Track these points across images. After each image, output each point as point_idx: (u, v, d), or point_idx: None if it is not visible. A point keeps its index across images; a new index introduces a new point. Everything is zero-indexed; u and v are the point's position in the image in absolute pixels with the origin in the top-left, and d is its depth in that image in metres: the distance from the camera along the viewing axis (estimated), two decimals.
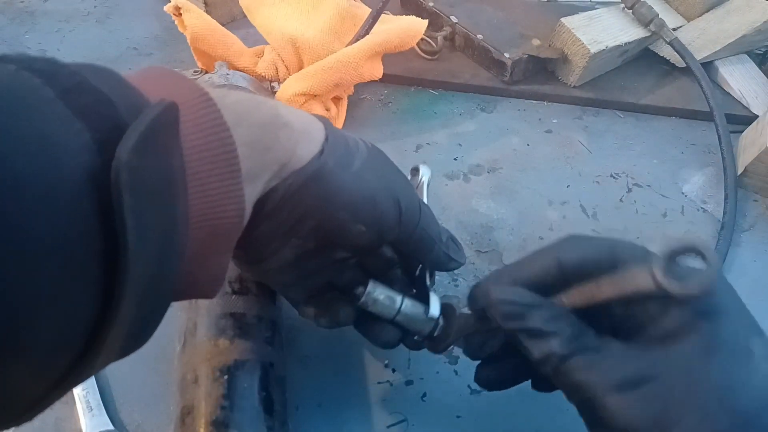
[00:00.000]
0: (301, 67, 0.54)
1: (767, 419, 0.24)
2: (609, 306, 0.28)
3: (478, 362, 0.36)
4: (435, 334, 0.36)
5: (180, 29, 0.54)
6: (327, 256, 0.33)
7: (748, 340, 0.26)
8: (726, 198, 0.53)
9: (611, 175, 0.57)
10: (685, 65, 0.63)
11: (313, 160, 0.29)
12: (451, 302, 0.36)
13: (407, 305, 0.35)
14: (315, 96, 0.54)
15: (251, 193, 0.27)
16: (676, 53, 0.64)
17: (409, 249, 0.35)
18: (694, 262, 0.25)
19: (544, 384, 0.34)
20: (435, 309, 0.35)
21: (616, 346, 0.28)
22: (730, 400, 0.25)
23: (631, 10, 0.63)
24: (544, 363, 0.28)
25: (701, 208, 0.55)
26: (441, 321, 0.36)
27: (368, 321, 0.36)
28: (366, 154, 0.33)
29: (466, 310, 0.35)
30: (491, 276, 0.32)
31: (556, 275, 0.29)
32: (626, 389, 0.26)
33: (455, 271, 0.48)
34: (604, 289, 0.28)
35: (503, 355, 0.34)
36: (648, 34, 0.63)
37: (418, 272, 0.38)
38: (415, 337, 0.37)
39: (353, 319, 0.36)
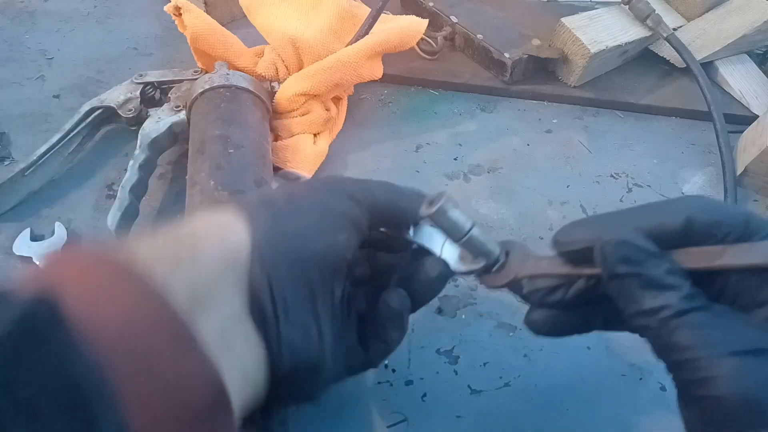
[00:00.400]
0: (301, 67, 0.54)
1: None
2: (726, 275, 0.27)
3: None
4: (495, 268, 0.33)
5: (180, 29, 0.54)
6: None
7: None
8: (725, 196, 0.53)
9: (611, 175, 0.57)
10: (685, 65, 0.63)
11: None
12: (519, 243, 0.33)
13: (476, 229, 0.32)
14: (315, 96, 0.54)
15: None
16: (676, 56, 0.64)
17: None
18: None
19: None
20: (492, 245, 0.32)
21: (734, 313, 0.27)
22: None
23: (627, 6, 0.63)
24: (653, 314, 0.26)
25: None
26: (503, 255, 0.33)
27: (418, 258, 0.34)
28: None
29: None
30: (599, 216, 0.30)
31: (680, 232, 0.27)
32: (745, 355, 0.25)
33: None
34: (729, 257, 0.26)
35: (569, 307, 0.31)
36: (648, 33, 0.63)
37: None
38: (469, 273, 0.33)
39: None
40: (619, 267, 0.27)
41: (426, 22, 0.56)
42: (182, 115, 0.52)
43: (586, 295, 0.30)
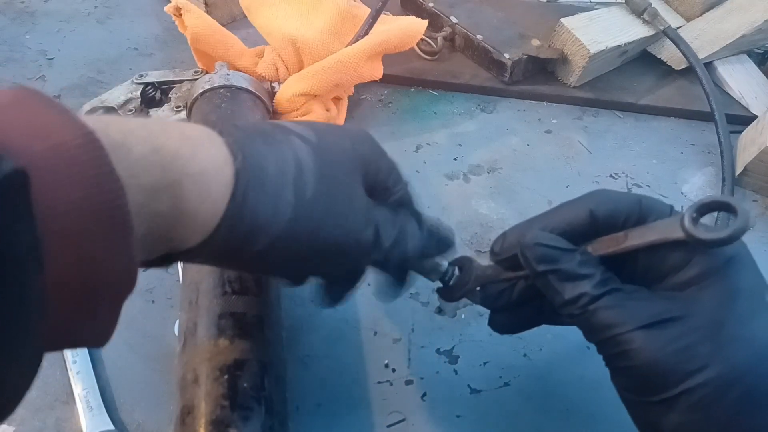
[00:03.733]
0: (301, 68, 0.55)
1: None
2: (633, 255, 0.30)
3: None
4: (450, 283, 0.36)
5: (180, 30, 0.54)
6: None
7: (763, 291, 0.28)
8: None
9: (611, 176, 0.57)
10: (683, 67, 0.64)
11: (222, 221, 0.25)
12: (468, 256, 0.37)
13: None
14: (315, 96, 0.54)
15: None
16: (674, 58, 0.64)
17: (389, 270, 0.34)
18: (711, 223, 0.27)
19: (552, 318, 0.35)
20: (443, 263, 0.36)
21: (641, 290, 0.29)
22: (749, 340, 0.27)
23: (624, 0, 0.63)
24: (573, 303, 0.29)
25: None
26: (456, 270, 0.36)
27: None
28: (312, 169, 0.28)
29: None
30: (520, 224, 0.33)
31: (587, 225, 0.31)
32: (652, 327, 0.27)
33: None
34: (632, 239, 0.29)
35: (518, 305, 0.35)
36: (648, 34, 0.63)
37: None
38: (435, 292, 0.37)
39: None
40: (539, 266, 0.30)
41: (426, 22, 0.56)
42: (183, 115, 0.52)
43: (528, 293, 0.34)
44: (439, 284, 0.37)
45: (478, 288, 0.35)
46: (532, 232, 0.31)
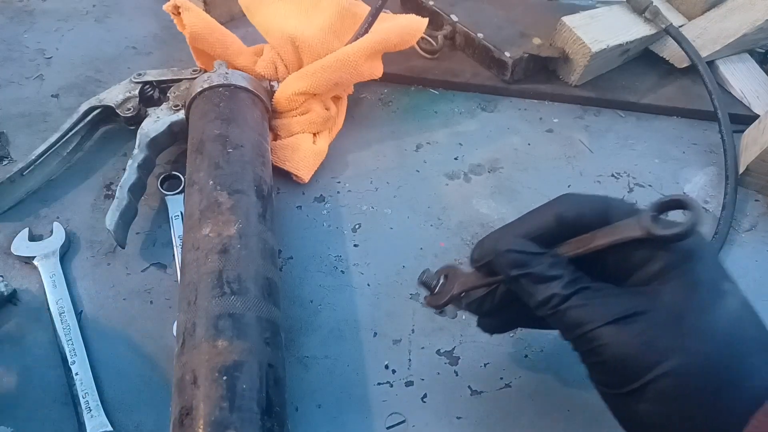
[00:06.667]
0: (300, 66, 0.54)
1: (736, 346, 0.29)
2: (602, 255, 0.31)
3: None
4: (436, 291, 0.38)
5: (179, 28, 0.54)
6: None
7: (721, 282, 0.30)
8: (725, 196, 0.53)
9: (612, 175, 0.57)
10: (685, 66, 0.63)
11: None
12: (453, 265, 0.38)
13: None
14: (314, 95, 0.54)
15: None
16: (676, 56, 0.64)
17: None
18: (676, 218, 0.29)
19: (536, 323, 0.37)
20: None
21: (609, 287, 0.31)
22: (708, 330, 0.29)
23: None
24: (545, 304, 0.31)
25: (702, 207, 0.54)
26: (442, 278, 0.38)
27: None
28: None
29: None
30: (494, 232, 0.35)
31: (555, 229, 0.32)
32: (619, 322, 0.29)
33: None
34: (598, 239, 0.31)
35: (501, 308, 0.37)
36: (649, 32, 0.62)
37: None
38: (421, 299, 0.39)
39: None
40: (511, 271, 0.32)
41: (426, 20, 0.56)
42: (181, 114, 0.51)
43: (509, 296, 0.35)
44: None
45: (462, 294, 0.37)
46: (504, 239, 0.33)
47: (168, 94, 0.53)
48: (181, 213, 0.48)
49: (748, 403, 0.28)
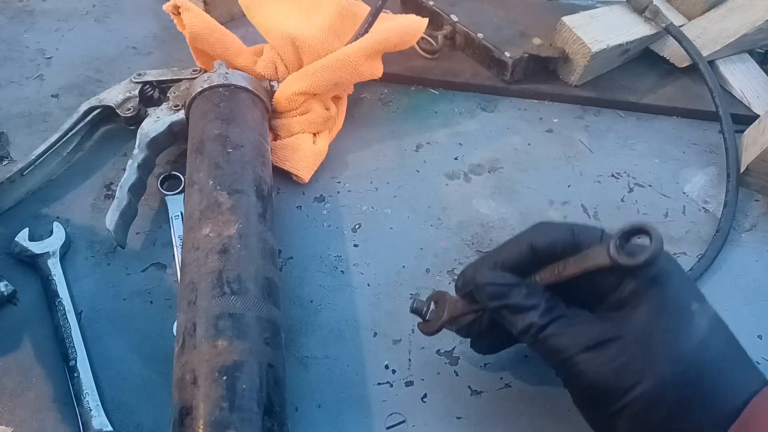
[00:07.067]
0: (300, 66, 0.54)
1: (705, 366, 0.30)
2: (576, 281, 0.33)
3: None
4: (427, 317, 0.39)
5: (179, 28, 0.54)
6: None
7: (689, 303, 0.31)
8: (727, 193, 0.53)
9: (612, 175, 0.57)
10: (685, 65, 0.63)
11: None
12: (443, 291, 0.40)
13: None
14: (314, 95, 0.54)
15: None
16: (677, 55, 0.64)
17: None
18: (645, 241, 0.30)
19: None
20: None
21: (583, 314, 0.33)
22: (675, 354, 0.30)
23: None
24: (525, 333, 0.33)
25: (702, 208, 0.54)
26: (432, 305, 0.40)
27: None
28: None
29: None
30: (475, 263, 0.37)
31: (530, 258, 0.34)
32: (593, 349, 0.31)
33: (455, 272, 0.48)
34: (570, 268, 0.32)
35: (490, 331, 0.38)
36: (649, 32, 0.62)
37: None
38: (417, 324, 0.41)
39: None
40: (491, 303, 0.34)
41: (426, 20, 0.56)
42: (181, 114, 0.51)
43: (495, 321, 0.36)
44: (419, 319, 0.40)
45: (453, 319, 0.38)
46: (482, 270, 0.35)
47: (168, 94, 0.53)
48: (181, 213, 0.48)
49: (721, 419, 0.29)
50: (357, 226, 0.51)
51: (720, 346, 0.31)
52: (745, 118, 0.60)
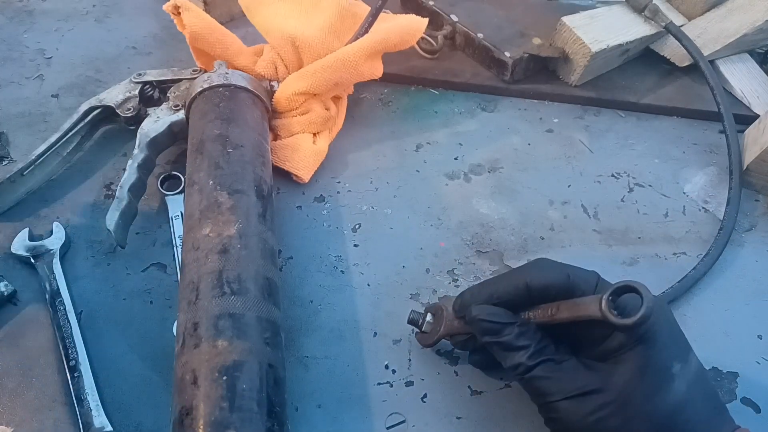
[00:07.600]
0: (300, 66, 0.54)
1: (680, 428, 0.32)
2: (567, 325, 0.34)
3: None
4: (424, 329, 0.41)
5: (179, 28, 0.54)
6: None
7: (671, 364, 0.33)
8: (730, 191, 0.53)
9: (612, 175, 0.57)
10: (685, 65, 0.63)
11: None
12: (441, 304, 0.41)
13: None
14: (314, 95, 0.54)
15: None
16: (677, 54, 0.64)
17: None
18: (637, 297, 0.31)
19: None
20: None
21: (571, 361, 0.34)
22: (653, 414, 0.32)
23: None
24: (513, 370, 0.35)
25: (702, 208, 0.54)
26: (429, 316, 0.41)
27: None
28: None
29: None
30: (472, 288, 0.38)
31: (524, 295, 0.35)
32: (575, 398, 0.33)
33: (455, 272, 0.48)
34: (562, 312, 0.34)
35: (483, 350, 0.39)
36: (649, 32, 0.62)
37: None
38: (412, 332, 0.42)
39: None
40: (484, 338, 0.36)
41: (426, 20, 0.56)
42: (181, 114, 0.51)
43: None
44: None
45: (449, 336, 0.40)
46: (476, 306, 0.36)
47: (168, 94, 0.53)
48: (181, 213, 0.48)
49: None
50: (357, 226, 0.51)
51: (696, 407, 0.33)
52: (745, 118, 0.60)
